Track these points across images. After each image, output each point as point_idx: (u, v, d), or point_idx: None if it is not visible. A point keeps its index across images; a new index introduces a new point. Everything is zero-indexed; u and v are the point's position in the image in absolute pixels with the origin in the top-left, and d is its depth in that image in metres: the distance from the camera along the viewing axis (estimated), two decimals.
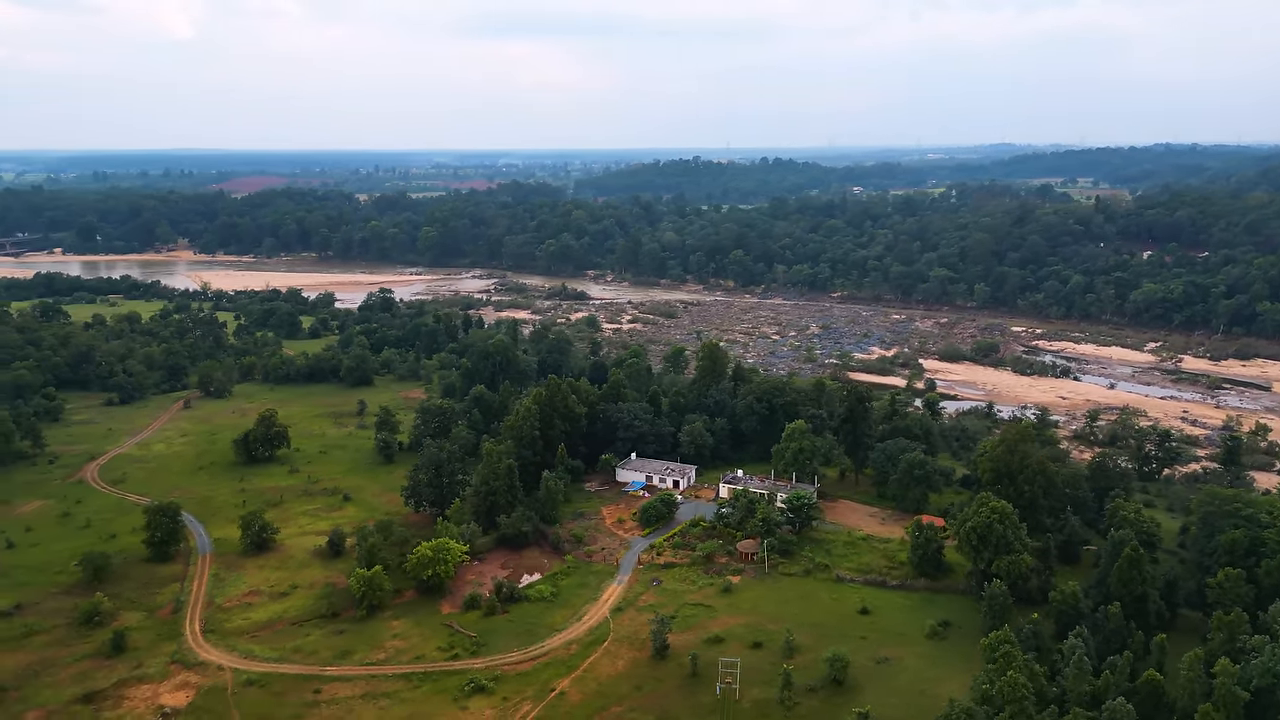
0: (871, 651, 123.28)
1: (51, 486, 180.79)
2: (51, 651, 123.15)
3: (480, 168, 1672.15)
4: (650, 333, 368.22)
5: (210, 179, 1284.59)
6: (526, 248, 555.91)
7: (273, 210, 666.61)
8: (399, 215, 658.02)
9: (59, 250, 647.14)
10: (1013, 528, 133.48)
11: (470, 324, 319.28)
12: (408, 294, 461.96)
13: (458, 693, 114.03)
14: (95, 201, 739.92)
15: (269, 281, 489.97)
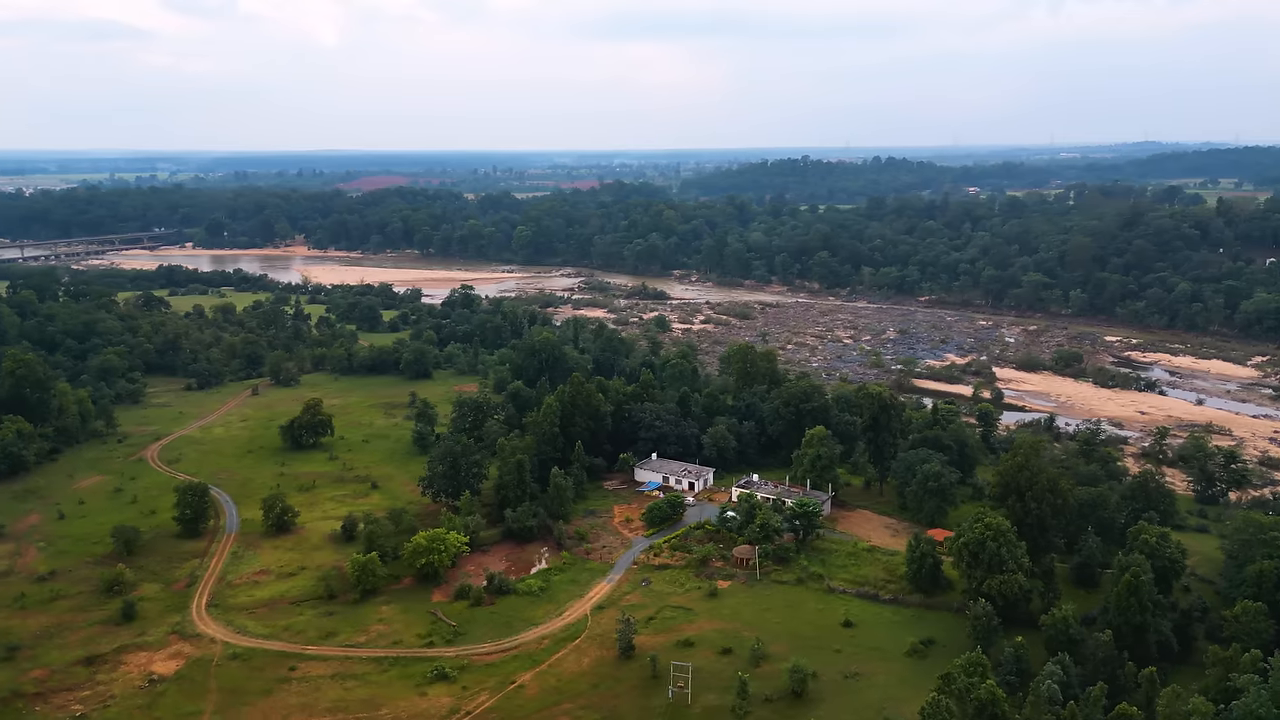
0: (843, 665, 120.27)
1: (113, 464, 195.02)
2: (70, 616, 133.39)
3: (595, 168, 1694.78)
4: (720, 334, 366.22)
5: (339, 178, 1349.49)
6: (615, 247, 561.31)
7: (382, 209, 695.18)
8: (498, 214, 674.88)
9: (190, 245, 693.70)
10: (1008, 546, 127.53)
11: (535, 320, 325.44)
12: (495, 291, 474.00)
13: (420, 679, 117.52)
14: (225, 199, 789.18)
15: (368, 276, 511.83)
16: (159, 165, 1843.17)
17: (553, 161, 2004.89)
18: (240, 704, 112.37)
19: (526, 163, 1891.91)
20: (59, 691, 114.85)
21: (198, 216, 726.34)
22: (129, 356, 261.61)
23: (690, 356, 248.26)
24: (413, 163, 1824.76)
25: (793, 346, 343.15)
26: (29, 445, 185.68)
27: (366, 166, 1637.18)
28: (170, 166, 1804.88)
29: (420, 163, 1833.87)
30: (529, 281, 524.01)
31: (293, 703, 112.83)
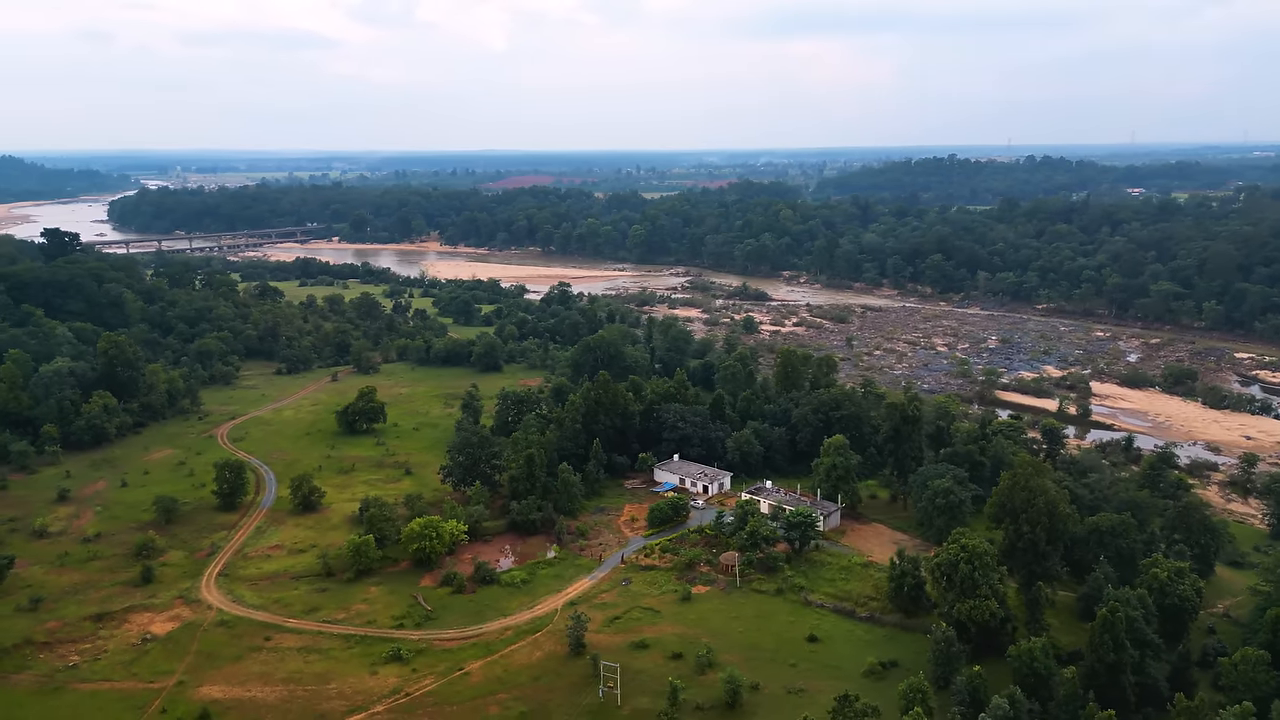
0: (791, 680, 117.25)
1: (186, 439, 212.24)
2: (98, 575, 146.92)
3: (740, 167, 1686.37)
4: (809, 337, 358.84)
5: (489, 177, 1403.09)
6: (725, 247, 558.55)
7: (511, 207, 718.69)
8: (619, 214, 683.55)
9: (337, 239, 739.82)
10: (983, 570, 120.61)
11: (613, 318, 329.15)
12: (601, 288, 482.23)
13: (376, 659, 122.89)
14: (373, 197, 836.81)
15: (486, 272, 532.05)
16: (334, 164, 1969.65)
17: (700, 161, 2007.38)
18: (209, 667, 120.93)
19: (673, 162, 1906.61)
20: (64, 643, 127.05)
21: (347, 213, 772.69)
22: (231, 341, 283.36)
23: (747, 360, 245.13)
24: (562, 162, 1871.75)
25: (880, 353, 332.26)
26: (112, 419, 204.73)
27: (518, 166, 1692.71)
28: (344, 166, 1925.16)
29: (569, 162, 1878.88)
30: (638, 280, 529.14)
31: (254, 670, 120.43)
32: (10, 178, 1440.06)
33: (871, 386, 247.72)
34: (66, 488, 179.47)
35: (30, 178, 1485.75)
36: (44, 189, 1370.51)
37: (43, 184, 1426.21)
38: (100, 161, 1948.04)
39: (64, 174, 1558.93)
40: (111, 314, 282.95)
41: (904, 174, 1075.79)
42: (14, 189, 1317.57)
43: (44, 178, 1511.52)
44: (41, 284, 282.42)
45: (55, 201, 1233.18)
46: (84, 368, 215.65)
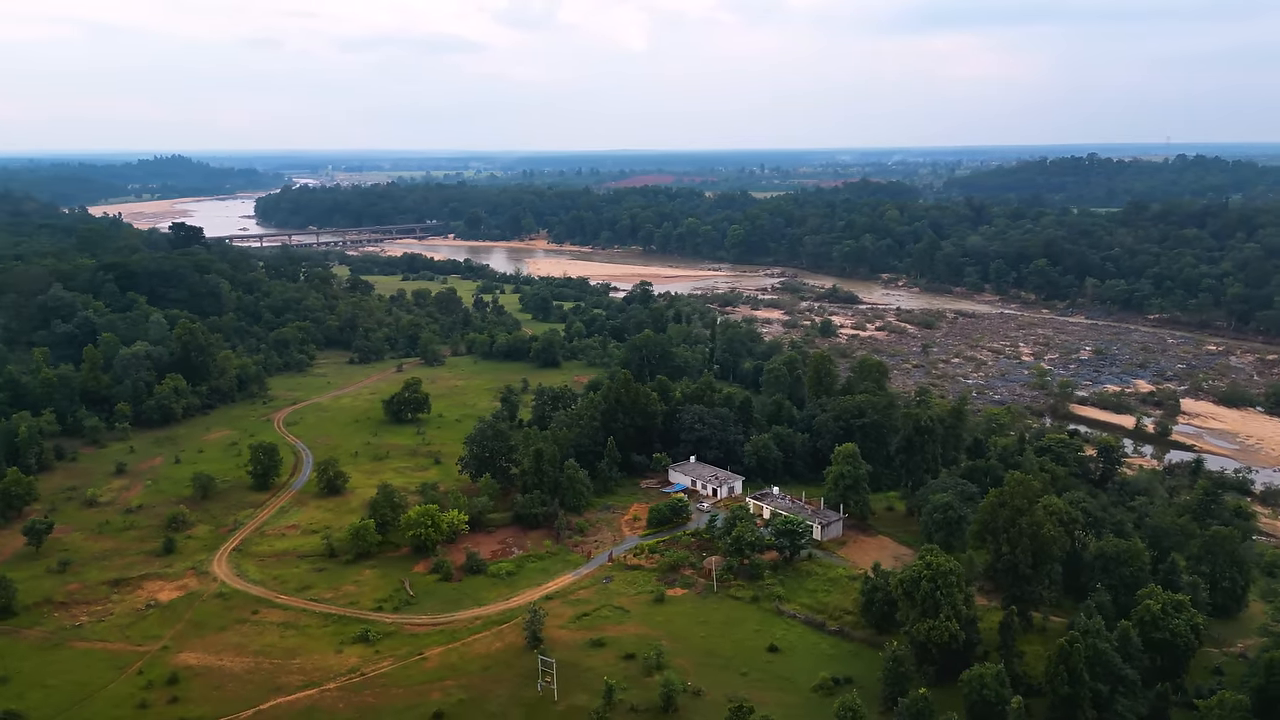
0: (737, 689, 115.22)
1: (247, 422, 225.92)
2: (128, 543, 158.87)
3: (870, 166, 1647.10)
4: (890, 342, 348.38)
5: (612, 176, 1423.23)
6: (824, 247, 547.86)
7: (617, 206, 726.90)
8: (721, 214, 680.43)
9: (452, 236, 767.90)
10: (946, 589, 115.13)
11: (680, 318, 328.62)
12: (688, 288, 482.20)
13: (345, 638, 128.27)
14: (490, 195, 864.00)
15: (583, 270, 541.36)
16: (470, 164, 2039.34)
17: (832, 159, 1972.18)
18: (194, 635, 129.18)
19: (802, 161, 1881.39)
20: (78, 604, 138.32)
21: (464, 211, 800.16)
22: (312, 331, 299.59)
23: (797, 363, 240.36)
24: (688, 161, 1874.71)
25: (959, 360, 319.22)
26: (179, 400, 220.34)
27: (643, 165, 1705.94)
28: (480, 165, 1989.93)
29: (695, 161, 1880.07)
30: (733, 280, 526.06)
31: (233, 641, 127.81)
32: (178, 176, 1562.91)
33: (927, 395, 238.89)
34: (125, 462, 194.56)
35: (196, 176, 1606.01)
36: (206, 186, 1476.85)
37: (205, 182, 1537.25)
38: (261, 161, 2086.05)
39: (225, 172, 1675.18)
40: (209, 303, 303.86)
41: (1037, 174, 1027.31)
42: (180, 186, 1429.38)
43: (208, 176, 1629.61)
44: (148, 274, 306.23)
45: (214, 198, 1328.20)
46: (161, 351, 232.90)
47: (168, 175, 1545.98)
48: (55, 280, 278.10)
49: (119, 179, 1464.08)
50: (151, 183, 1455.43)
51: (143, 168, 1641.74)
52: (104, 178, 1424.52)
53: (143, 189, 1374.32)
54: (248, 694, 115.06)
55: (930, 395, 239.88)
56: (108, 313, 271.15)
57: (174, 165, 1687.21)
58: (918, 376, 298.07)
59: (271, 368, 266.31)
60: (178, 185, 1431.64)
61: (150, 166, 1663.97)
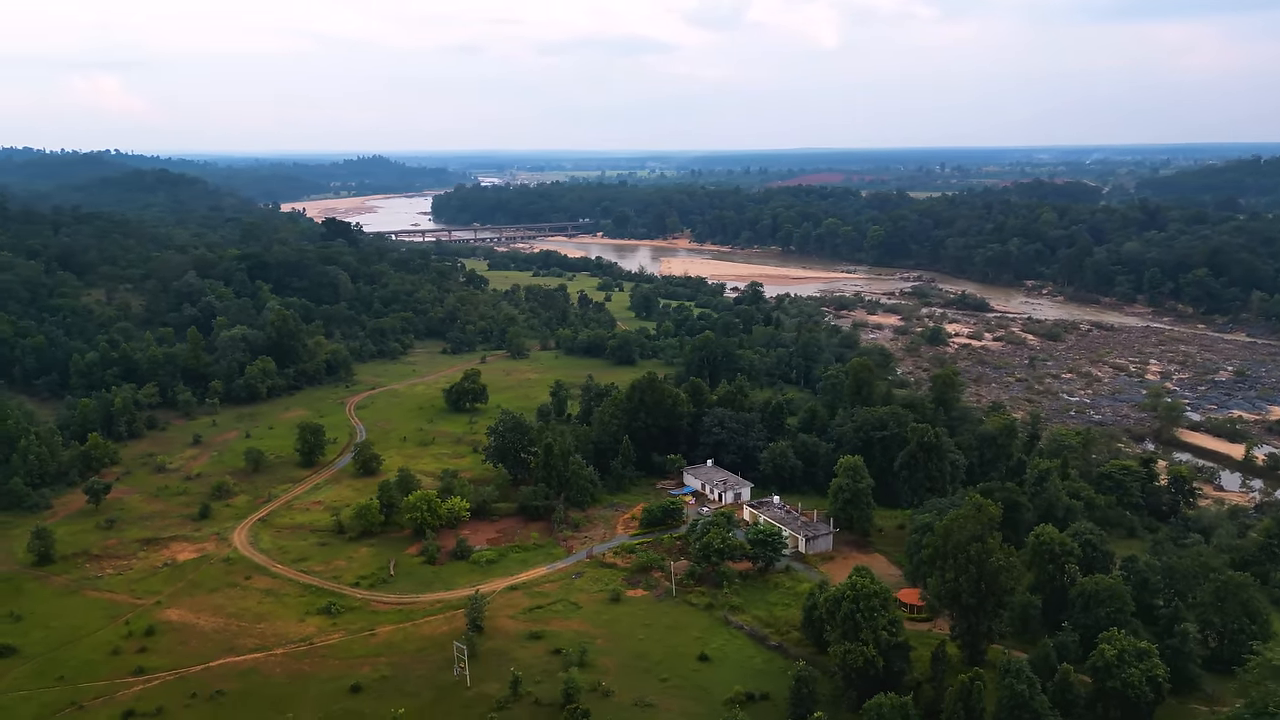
0: (649, 694, 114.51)
1: (323, 404, 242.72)
2: (175, 506, 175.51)
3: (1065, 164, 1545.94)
4: (1005, 353, 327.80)
5: (779, 175, 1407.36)
6: (966, 251, 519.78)
7: (760, 206, 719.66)
8: (867, 214, 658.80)
9: (600, 234, 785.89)
10: (868, 612, 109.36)
11: (770, 321, 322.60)
12: (813, 290, 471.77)
13: (310, 609, 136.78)
14: (640, 194, 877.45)
15: (713, 269, 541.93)
16: (647, 163, 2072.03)
17: (1027, 158, 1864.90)
18: (187, 594, 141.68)
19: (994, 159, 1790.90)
20: (109, 558, 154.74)
21: (614, 210, 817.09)
22: (414, 321, 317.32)
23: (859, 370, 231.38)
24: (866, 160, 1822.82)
25: (1071, 376, 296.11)
26: (265, 381, 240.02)
27: (816, 164, 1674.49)
28: (656, 164, 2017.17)
29: (874, 160, 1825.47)
30: (866, 282, 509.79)
31: (216, 602, 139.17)
32: (375, 174, 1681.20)
33: (1000, 411, 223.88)
34: (203, 434, 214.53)
35: (391, 175, 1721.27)
36: (398, 184, 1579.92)
37: (398, 180, 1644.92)
38: (456, 161, 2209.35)
39: (417, 171, 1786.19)
40: (327, 292, 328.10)
41: (1247, 174, 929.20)
42: (375, 184, 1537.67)
43: (402, 175, 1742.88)
44: (277, 264, 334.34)
45: (402, 195, 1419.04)
46: (258, 335, 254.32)
47: (366, 174, 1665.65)
48: (191, 268, 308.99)
49: (324, 177, 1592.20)
50: (351, 180, 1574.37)
51: (347, 167, 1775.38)
52: (311, 176, 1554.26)
53: (342, 186, 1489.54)
54: (205, 651, 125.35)
55: (1004, 411, 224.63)
56: (232, 298, 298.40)
57: (374, 165, 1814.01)
58: (1017, 391, 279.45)
59: (366, 354, 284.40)
60: (373, 183, 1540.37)
61: (354, 166, 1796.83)
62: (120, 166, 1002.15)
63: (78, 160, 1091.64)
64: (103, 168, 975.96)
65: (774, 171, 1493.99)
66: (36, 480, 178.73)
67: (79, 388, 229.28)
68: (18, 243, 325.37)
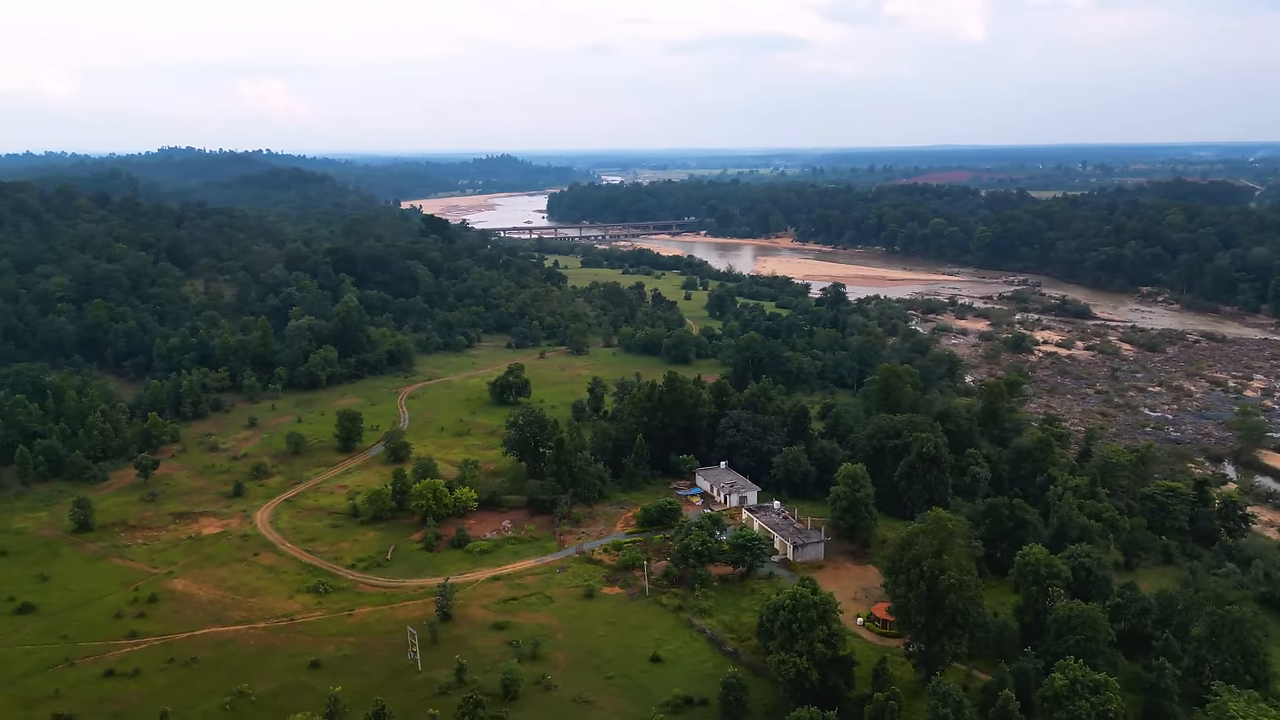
0: (590, 691, 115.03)
1: (378, 393, 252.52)
2: (214, 484, 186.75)
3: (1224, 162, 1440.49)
4: (1096, 363, 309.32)
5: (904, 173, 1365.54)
6: (1077, 255, 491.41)
7: (867, 205, 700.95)
8: (975, 214, 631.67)
9: (703, 232, 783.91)
10: (804, 624, 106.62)
11: (838, 323, 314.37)
12: (909, 292, 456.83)
13: (302, 587, 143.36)
14: (747, 192, 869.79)
15: (807, 269, 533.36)
16: (772, 161, 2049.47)
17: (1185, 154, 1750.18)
18: (197, 566, 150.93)
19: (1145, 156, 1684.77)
20: (143, 529, 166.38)
21: (719, 208, 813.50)
22: (484, 316, 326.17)
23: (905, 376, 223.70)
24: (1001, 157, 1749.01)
25: (1158, 390, 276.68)
26: (325, 369, 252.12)
27: (945, 161, 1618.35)
28: (781, 162, 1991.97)
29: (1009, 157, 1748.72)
30: (968, 285, 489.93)
31: (220, 575, 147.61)
32: (501, 173, 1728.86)
33: (1054, 425, 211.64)
34: (259, 417, 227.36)
35: (517, 173, 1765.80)
36: (521, 183, 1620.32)
37: (522, 179, 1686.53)
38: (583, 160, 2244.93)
39: (542, 170, 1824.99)
40: (406, 285, 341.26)
41: None
42: (500, 183, 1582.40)
43: (527, 173, 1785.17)
44: (363, 259, 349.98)
45: (525, 193, 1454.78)
46: (323, 325, 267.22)
47: (493, 173, 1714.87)
48: (280, 262, 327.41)
49: (454, 176, 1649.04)
50: (478, 179, 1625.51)
51: (476, 166, 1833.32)
52: (441, 175, 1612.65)
53: (469, 185, 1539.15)
54: (195, 620, 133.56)
55: (1058, 423, 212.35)
56: (314, 290, 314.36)
57: (501, 164, 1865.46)
58: (1092, 403, 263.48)
59: (432, 346, 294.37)
60: (498, 182, 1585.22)
61: (483, 165, 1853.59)
62: (262, 165, 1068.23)
63: (227, 159, 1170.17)
64: (247, 166, 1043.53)
65: (898, 169, 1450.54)
66: (99, 454, 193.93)
67: (160, 370, 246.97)
68: (134, 235, 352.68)
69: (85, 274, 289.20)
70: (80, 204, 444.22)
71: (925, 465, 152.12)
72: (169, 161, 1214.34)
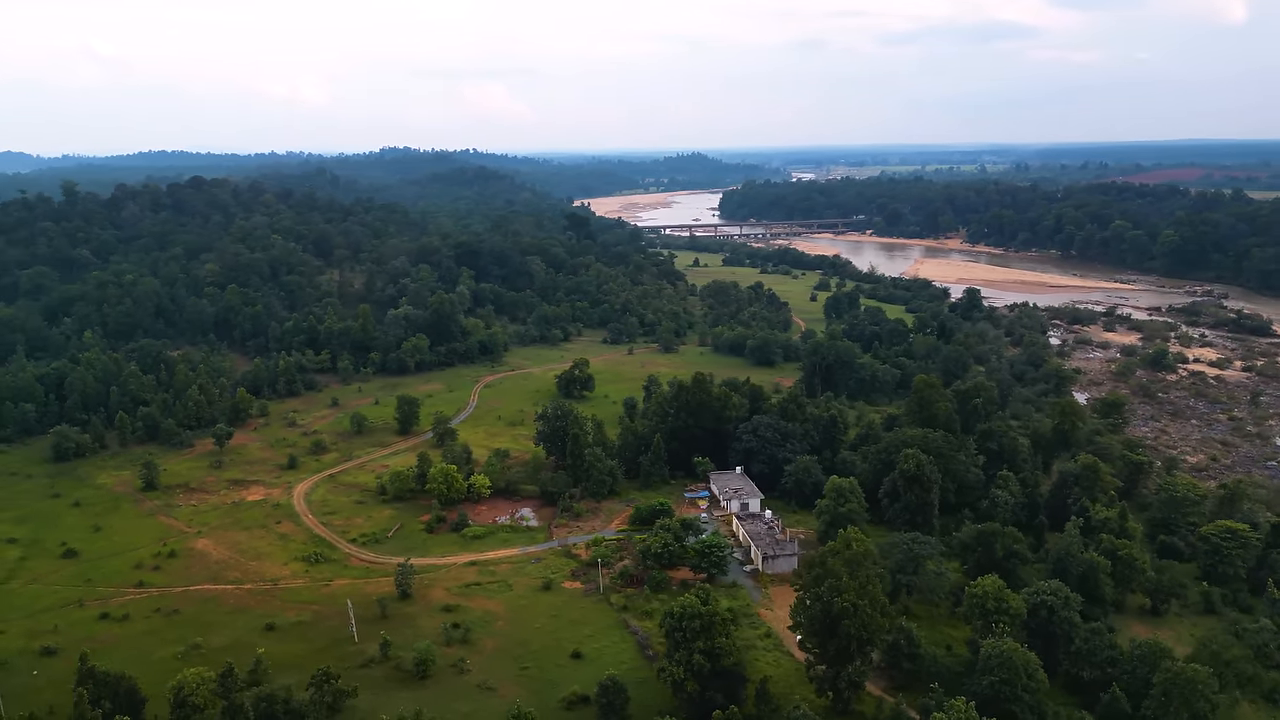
0: (505, 679, 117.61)
1: (459, 381, 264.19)
2: (276, 456, 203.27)
3: None
4: (1241, 385, 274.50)
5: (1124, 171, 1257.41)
6: (1276, 264, 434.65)
7: (1046, 205, 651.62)
8: (1171, 215, 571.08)
9: (869, 231, 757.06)
10: (686, 633, 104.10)
11: (942, 330, 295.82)
12: (1061, 301, 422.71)
13: (298, 556, 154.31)
14: (924, 190, 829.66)
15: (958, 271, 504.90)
16: (983, 157, 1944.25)
17: None
18: (223, 529, 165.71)
19: None
20: (199, 492, 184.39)
21: (889, 206, 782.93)
22: (589, 311, 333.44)
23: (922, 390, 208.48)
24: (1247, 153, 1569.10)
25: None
26: (413, 357, 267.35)
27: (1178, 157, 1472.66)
28: (993, 158, 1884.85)
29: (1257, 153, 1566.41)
30: (1139, 294, 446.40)
31: (238, 539, 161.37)
32: (689, 171, 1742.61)
33: (1136, 450, 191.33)
34: (342, 398, 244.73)
35: (704, 171, 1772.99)
36: (707, 180, 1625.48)
37: (709, 176, 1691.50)
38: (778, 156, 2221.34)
39: (730, 168, 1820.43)
40: (522, 280, 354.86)
41: None
42: (686, 180, 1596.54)
43: (714, 171, 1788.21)
44: (486, 253, 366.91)
45: (708, 191, 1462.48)
46: (419, 315, 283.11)
47: (680, 170, 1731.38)
48: (403, 255, 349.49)
49: (641, 173, 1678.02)
50: (664, 177, 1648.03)
51: (666, 163, 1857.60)
52: (628, 172, 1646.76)
53: (654, 182, 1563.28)
54: (196, 577, 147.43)
55: (1137, 450, 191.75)
56: (432, 282, 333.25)
57: (690, 161, 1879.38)
58: (1218, 431, 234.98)
59: (527, 339, 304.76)
60: (683, 179, 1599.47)
61: (672, 162, 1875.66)
62: (456, 164, 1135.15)
63: (429, 158, 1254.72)
64: (442, 165, 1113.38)
65: (1115, 167, 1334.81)
66: (192, 423, 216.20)
67: (274, 350, 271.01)
68: (291, 228, 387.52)
69: (234, 261, 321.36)
70: (266, 199, 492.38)
71: (907, 484, 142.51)
72: (380, 160, 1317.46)
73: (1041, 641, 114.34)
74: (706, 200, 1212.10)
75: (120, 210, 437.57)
